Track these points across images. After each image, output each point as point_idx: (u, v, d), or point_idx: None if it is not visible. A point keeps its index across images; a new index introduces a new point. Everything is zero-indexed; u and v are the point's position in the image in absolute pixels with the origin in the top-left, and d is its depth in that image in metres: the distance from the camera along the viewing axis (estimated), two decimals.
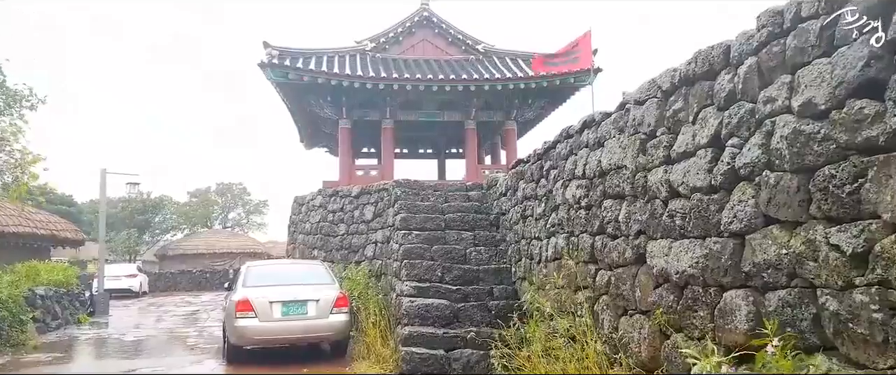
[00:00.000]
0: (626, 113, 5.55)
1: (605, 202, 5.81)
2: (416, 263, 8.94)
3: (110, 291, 26.02)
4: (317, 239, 13.92)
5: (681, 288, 4.44)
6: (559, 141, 7.37)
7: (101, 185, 17.63)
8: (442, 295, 8.50)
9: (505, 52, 19.33)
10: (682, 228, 4.46)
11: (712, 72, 4.31)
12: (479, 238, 9.84)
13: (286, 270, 10.12)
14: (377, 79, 16.95)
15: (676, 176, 4.56)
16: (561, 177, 7.13)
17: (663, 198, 4.76)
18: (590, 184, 6.27)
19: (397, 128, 19.03)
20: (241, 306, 8.38)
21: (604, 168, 5.89)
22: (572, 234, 6.65)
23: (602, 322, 5.69)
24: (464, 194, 11.19)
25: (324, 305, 8.63)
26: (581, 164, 6.51)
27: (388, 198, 11.12)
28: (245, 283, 8.98)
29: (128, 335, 12.89)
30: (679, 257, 4.42)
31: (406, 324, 8.14)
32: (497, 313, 8.22)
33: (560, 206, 7.07)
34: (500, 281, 8.99)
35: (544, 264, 7.52)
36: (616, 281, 5.46)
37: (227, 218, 54.21)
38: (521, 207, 8.80)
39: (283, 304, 8.47)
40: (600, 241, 5.86)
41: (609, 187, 5.74)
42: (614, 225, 5.59)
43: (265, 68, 16.49)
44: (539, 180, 8.04)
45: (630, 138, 5.38)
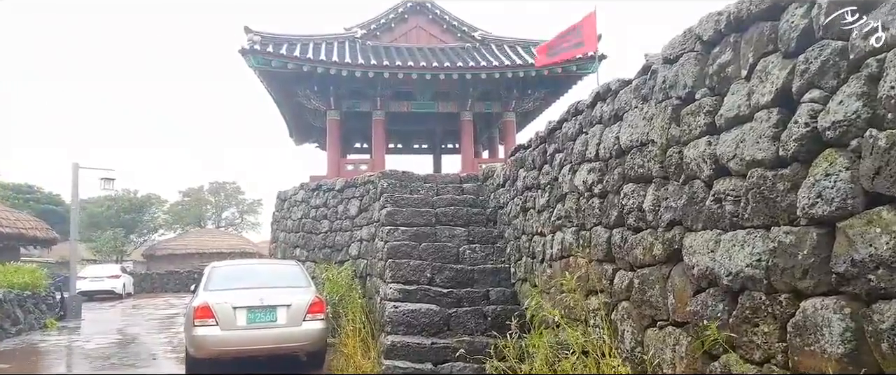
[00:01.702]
0: (652, 76, 4.49)
1: (625, 187, 4.75)
2: (402, 263, 7.89)
3: (90, 293, 25.15)
4: (298, 238, 12.83)
5: (734, 293, 3.39)
6: (566, 119, 6.31)
7: (73, 180, 16.53)
8: (431, 299, 7.44)
9: (503, 39, 18.27)
10: (734, 216, 3.40)
11: (776, 9, 3.24)
12: (474, 234, 8.78)
13: (255, 271, 9.00)
14: (367, 66, 15.89)
15: (725, 148, 3.50)
16: (569, 160, 6.07)
17: (706, 178, 3.71)
18: (605, 167, 5.21)
19: (390, 120, 18.00)
20: (199, 312, 7.30)
21: (623, 146, 4.83)
22: (583, 228, 5.58)
23: (622, 334, 4.63)
24: (457, 186, 10.12)
25: (296, 311, 7.54)
26: (593, 144, 5.45)
27: (374, 192, 10.06)
28: (207, 286, 7.90)
29: (92, 342, 11.80)
30: (731, 254, 3.36)
31: (389, 333, 7.09)
32: (494, 320, 7.16)
33: (568, 196, 6.01)
34: (497, 282, 7.93)
35: (549, 263, 6.46)
36: (641, 284, 4.39)
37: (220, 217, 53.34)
38: (521, 199, 7.74)
39: (248, 310, 7.38)
40: (619, 235, 4.80)
41: (630, 169, 4.68)
42: (637, 215, 4.53)
43: (246, 55, 15.43)
44: (542, 167, 6.98)
45: (658, 106, 4.32)
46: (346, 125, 18.76)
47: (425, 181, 10.16)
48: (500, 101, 17.85)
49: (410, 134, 22.68)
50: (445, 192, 9.85)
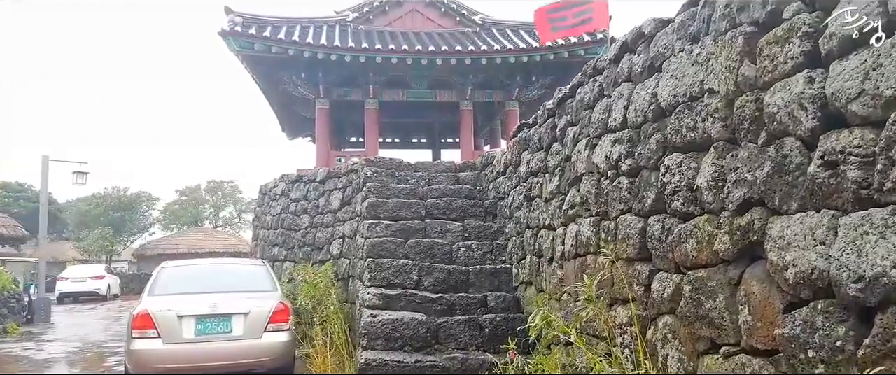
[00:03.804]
0: (708, 4, 3.24)
1: (668, 159, 3.50)
2: (384, 262, 6.65)
3: (73, 294, 24.03)
4: (277, 235, 11.59)
5: (866, 310, 2.13)
6: (582, 83, 5.06)
7: (43, 173, 15.35)
8: (417, 307, 6.21)
9: (505, 22, 17.04)
10: (863, 187, 2.16)
11: None
12: (470, 229, 7.54)
13: (212, 273, 7.71)
14: (357, 50, 14.65)
15: (841, 83, 2.25)
16: (585, 133, 4.81)
17: (805, 134, 2.46)
18: (635, 136, 3.96)
19: (385, 112, 16.78)
20: (138, 322, 6.08)
21: (663, 104, 3.58)
22: (605, 217, 4.33)
23: (664, 360, 3.38)
24: (452, 176, 8.88)
25: (256, 320, 6.31)
26: (619, 108, 4.19)
27: (358, 182, 8.82)
28: (152, 290, 6.67)
29: (46, 350, 10.60)
30: (861, 247, 2.11)
31: (366, 347, 5.86)
32: (492, 332, 5.94)
33: (584, 177, 4.76)
34: (496, 286, 6.69)
35: (559, 263, 5.21)
36: (693, 292, 3.14)
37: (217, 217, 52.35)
38: (525, 187, 6.49)
39: (197, 319, 6.14)
40: (658, 225, 3.55)
41: (675, 134, 3.43)
42: (687, 195, 3.28)
43: (227, 38, 14.22)
44: (551, 145, 5.73)
45: (720, 41, 3.06)
46: (339, 116, 17.60)
47: (415, 169, 8.92)
48: (502, 90, 16.61)
49: (408, 127, 21.49)
50: (438, 182, 8.60)
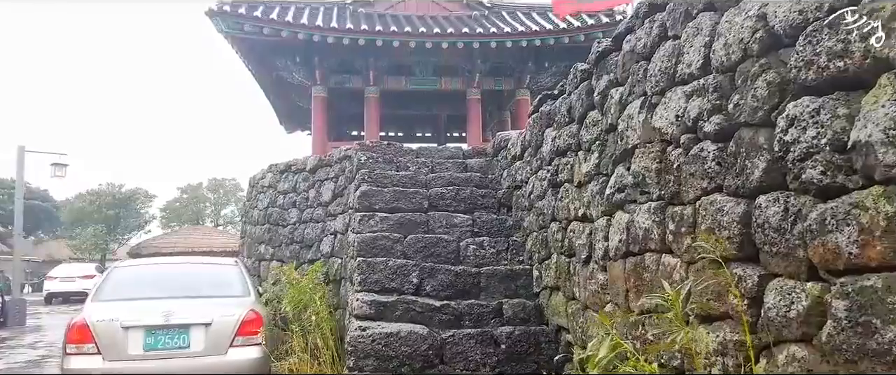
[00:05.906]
0: None
1: (793, 106, 2.31)
2: (377, 263, 5.48)
3: (62, 294, 23.05)
4: (263, 231, 10.44)
5: None
6: (630, 30, 3.87)
7: (18, 164, 14.24)
8: (417, 317, 5.04)
9: (516, 5, 15.87)
10: None
11: None
12: (481, 223, 6.37)
13: (173, 273, 6.45)
14: (356, 32, 13.49)
15: None
16: (639, 91, 3.63)
17: None
18: (728, 82, 2.78)
19: (387, 102, 15.63)
20: (74, 334, 4.93)
21: (780, 27, 2.40)
22: (675, 201, 3.15)
23: None
24: (459, 162, 7.69)
25: (219, 332, 5.14)
26: (696, 48, 3.01)
27: (351, 170, 7.67)
28: (98, 295, 5.51)
29: (4, 359, 9.50)
30: None
31: (354, 368, 4.71)
32: (510, 349, 4.76)
33: (638, 150, 3.57)
34: (513, 291, 5.50)
35: (600, 264, 4.03)
36: (854, 309, 1.96)
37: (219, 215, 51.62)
38: (549, 170, 5.30)
39: (146, 331, 4.98)
40: (776, 207, 2.36)
41: (804, 67, 2.25)
42: (830, 158, 2.10)
43: (214, 17, 13.09)
44: (585, 116, 4.54)
45: None
46: (338, 107, 16.49)
47: (417, 155, 7.75)
48: (513, 77, 15.43)
49: (411, 120, 20.34)
50: (443, 169, 7.42)
